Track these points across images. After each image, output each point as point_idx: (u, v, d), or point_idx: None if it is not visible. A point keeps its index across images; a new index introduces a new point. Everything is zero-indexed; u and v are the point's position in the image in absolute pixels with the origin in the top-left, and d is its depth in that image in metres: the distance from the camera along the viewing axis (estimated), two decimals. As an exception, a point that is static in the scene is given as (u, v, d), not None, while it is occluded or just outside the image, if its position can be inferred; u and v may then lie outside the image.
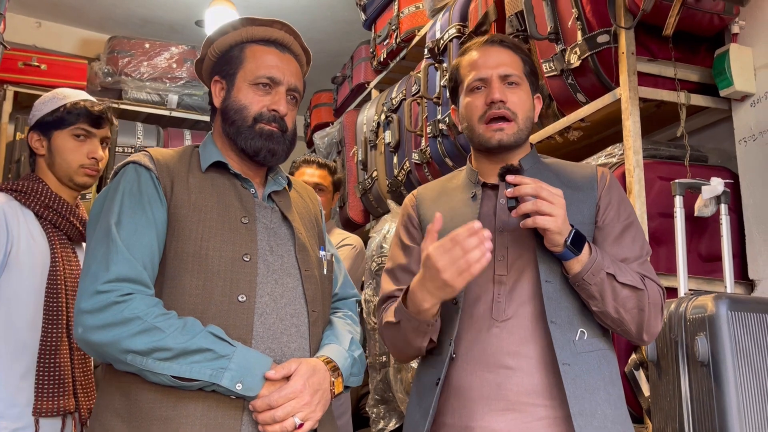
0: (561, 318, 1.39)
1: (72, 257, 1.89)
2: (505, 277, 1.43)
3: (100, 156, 1.93)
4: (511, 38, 1.59)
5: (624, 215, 1.48)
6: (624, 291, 1.36)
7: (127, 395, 1.27)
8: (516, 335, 1.39)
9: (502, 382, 1.37)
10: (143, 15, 4.52)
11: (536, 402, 1.36)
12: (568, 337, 1.38)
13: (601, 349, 1.42)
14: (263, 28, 1.49)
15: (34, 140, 1.92)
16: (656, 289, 1.41)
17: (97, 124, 1.93)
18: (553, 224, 1.32)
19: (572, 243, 1.34)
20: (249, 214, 1.41)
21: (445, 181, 1.66)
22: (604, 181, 1.51)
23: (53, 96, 1.95)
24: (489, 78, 1.50)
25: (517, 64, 1.53)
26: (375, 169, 3.53)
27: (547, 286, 1.39)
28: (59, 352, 1.77)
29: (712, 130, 2.34)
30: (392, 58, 3.66)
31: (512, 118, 1.48)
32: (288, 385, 1.26)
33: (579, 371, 1.36)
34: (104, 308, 1.23)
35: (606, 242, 1.45)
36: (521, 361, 1.38)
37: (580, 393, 1.34)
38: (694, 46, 2.14)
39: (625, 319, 1.38)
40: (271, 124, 1.44)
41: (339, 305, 1.59)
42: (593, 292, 1.36)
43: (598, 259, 1.35)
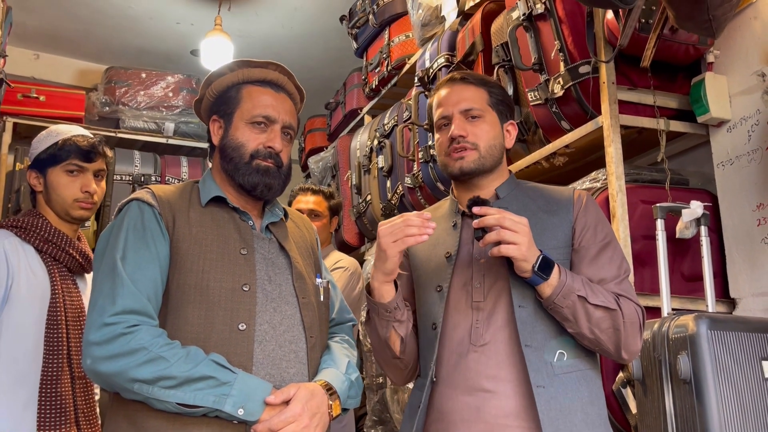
0: (537, 341, 1.44)
1: (72, 288, 1.94)
2: (482, 303, 1.49)
3: (93, 189, 1.98)
4: (475, 74, 1.67)
5: (600, 236, 1.53)
6: (597, 312, 1.41)
7: (134, 423, 1.33)
8: (493, 359, 1.45)
9: (480, 405, 1.43)
10: (139, 45, 4.61)
11: (514, 424, 1.41)
12: (544, 360, 1.43)
13: (581, 370, 1.46)
14: (259, 69, 1.56)
15: (33, 178, 1.99)
16: (633, 308, 1.45)
17: (88, 159, 1.98)
18: (517, 252, 1.39)
19: (540, 268, 1.40)
20: (248, 246, 1.48)
21: (433, 210, 1.74)
22: (579, 203, 1.57)
23: (48, 133, 2.01)
24: (450, 115, 1.59)
25: (479, 98, 1.61)
26: (369, 193, 3.60)
27: (520, 311, 1.45)
28: (60, 382, 1.82)
29: (692, 154, 2.43)
30: (384, 84, 3.75)
31: (473, 148, 1.56)
32: (287, 409, 1.32)
33: (554, 393, 1.40)
34: (112, 340, 1.29)
35: (582, 264, 1.50)
36: (499, 384, 1.43)
37: (554, 414, 1.38)
38: (671, 74, 2.22)
39: (602, 339, 1.43)
40: (267, 160, 1.51)
41: (336, 330, 1.65)
42: (566, 315, 1.42)
43: (568, 282, 1.41)
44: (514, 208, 1.56)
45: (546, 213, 1.56)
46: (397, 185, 3.31)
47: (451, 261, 1.55)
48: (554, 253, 1.49)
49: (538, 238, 1.50)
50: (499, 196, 1.60)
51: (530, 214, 1.55)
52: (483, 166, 1.57)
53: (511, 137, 1.65)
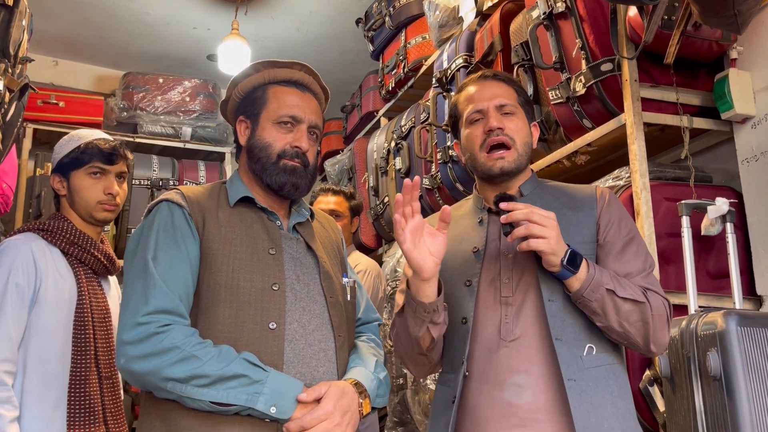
0: (567, 335, 1.44)
1: (98, 290, 1.96)
2: (511, 298, 1.50)
3: (115, 191, 2.01)
4: (503, 72, 1.69)
5: (624, 231, 1.53)
6: (626, 305, 1.42)
7: (167, 421, 1.34)
8: (524, 354, 1.45)
9: (512, 400, 1.43)
10: (156, 51, 4.65)
11: (546, 418, 1.41)
12: (575, 354, 1.43)
13: (609, 364, 1.46)
14: (284, 69, 1.57)
15: (56, 182, 2.02)
16: (660, 301, 1.45)
17: (109, 161, 2.01)
18: (546, 246, 1.40)
19: (568, 262, 1.41)
20: (276, 246, 1.49)
21: (455, 208, 1.74)
22: (603, 200, 1.58)
23: (70, 138, 2.05)
24: (486, 109, 1.59)
25: (511, 95, 1.62)
26: (386, 195, 3.61)
27: (550, 305, 1.46)
28: (88, 382, 1.84)
29: (716, 151, 2.41)
30: (400, 87, 3.76)
31: (510, 144, 1.56)
32: (319, 407, 1.33)
33: (585, 386, 1.41)
34: (145, 339, 1.31)
35: (608, 259, 1.50)
36: (530, 378, 1.44)
37: (586, 408, 1.39)
38: (694, 71, 2.21)
39: (630, 332, 1.43)
40: (294, 160, 1.52)
41: (362, 329, 1.65)
42: (595, 308, 1.42)
43: (596, 276, 1.41)
44: (539, 205, 1.55)
45: (570, 210, 1.57)
46: (415, 187, 3.31)
47: (479, 256, 1.56)
48: (580, 249, 1.49)
49: (564, 234, 1.50)
50: (523, 193, 1.60)
51: (555, 210, 1.54)
52: (520, 166, 1.59)
53: (534, 138, 1.66)
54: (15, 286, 1.79)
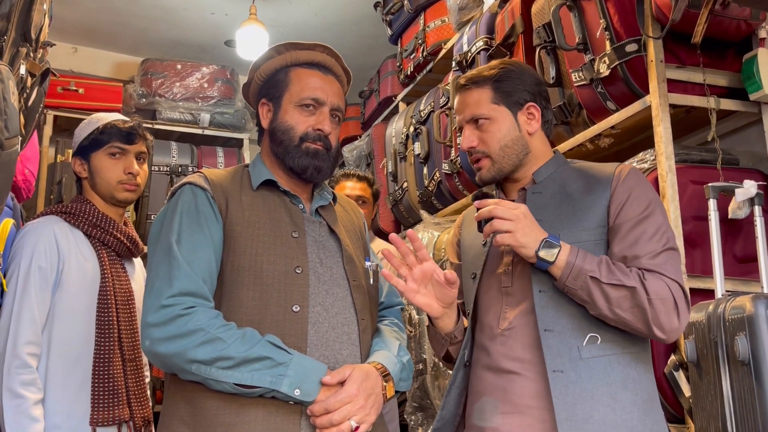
0: (562, 325, 1.43)
1: (121, 272, 1.97)
2: (510, 288, 1.52)
3: (136, 170, 2.02)
4: (476, 75, 1.61)
5: (638, 210, 1.47)
6: (615, 292, 1.37)
7: (191, 403, 1.35)
8: (519, 342, 1.47)
9: (507, 386, 1.46)
10: (174, 37, 4.65)
11: (539, 405, 1.42)
12: (569, 344, 1.41)
13: (616, 353, 1.43)
14: (306, 51, 1.56)
15: (77, 165, 2.03)
16: (662, 284, 1.39)
17: (129, 141, 2.02)
18: (512, 240, 1.41)
19: (543, 253, 1.40)
20: (299, 229, 1.48)
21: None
22: (619, 178, 1.52)
23: (89, 121, 2.07)
24: (462, 126, 1.62)
25: (484, 99, 1.57)
26: (405, 180, 3.59)
27: (540, 295, 1.45)
28: (112, 364, 1.86)
29: (743, 134, 2.37)
30: (419, 71, 3.73)
31: (485, 156, 1.57)
32: (343, 389, 1.32)
33: (575, 378, 1.39)
34: (169, 321, 1.31)
35: (614, 241, 1.46)
36: (525, 366, 1.45)
37: (572, 399, 1.37)
38: (721, 51, 2.16)
39: (627, 319, 1.39)
40: (317, 143, 1.51)
41: (385, 313, 1.65)
42: (582, 297, 1.40)
43: (577, 264, 1.38)
44: (550, 191, 1.57)
45: (582, 193, 1.53)
46: (434, 172, 3.29)
47: (485, 249, 1.58)
48: (584, 235, 1.48)
49: (570, 220, 1.49)
50: (536, 180, 1.59)
51: (565, 196, 1.54)
52: (501, 171, 1.58)
53: (534, 120, 1.60)
54: (38, 269, 1.80)
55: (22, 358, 1.73)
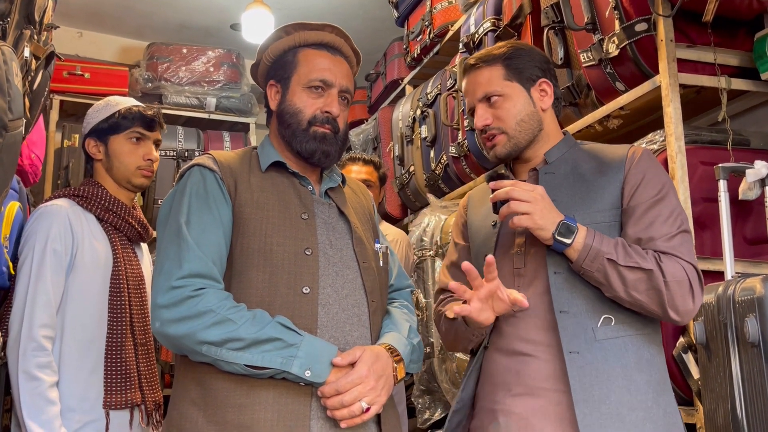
0: (577, 307, 1.43)
1: (132, 257, 1.98)
2: (522, 269, 1.50)
3: (155, 157, 2.03)
4: (485, 54, 1.60)
5: (652, 192, 1.46)
6: (631, 274, 1.37)
7: (202, 385, 1.35)
8: (532, 324, 1.46)
9: (520, 368, 1.45)
10: (180, 21, 4.62)
11: (553, 387, 1.41)
12: (584, 326, 1.41)
13: (630, 335, 1.43)
14: (315, 32, 1.55)
15: (91, 146, 2.02)
16: (678, 266, 1.39)
17: (150, 127, 2.03)
18: (530, 222, 1.40)
19: (560, 234, 1.39)
20: (308, 211, 1.48)
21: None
22: (632, 161, 1.51)
23: (106, 104, 2.05)
24: (473, 106, 1.59)
25: (496, 76, 1.56)
26: (412, 164, 3.58)
27: (555, 277, 1.45)
28: (124, 348, 1.87)
29: (754, 114, 2.35)
30: (426, 53, 3.70)
31: (500, 132, 1.55)
32: (354, 370, 1.32)
33: (591, 359, 1.39)
34: (179, 302, 1.31)
35: (628, 224, 1.46)
36: (539, 348, 1.44)
37: (588, 381, 1.37)
38: (733, 30, 2.14)
39: (643, 301, 1.39)
40: (325, 126, 1.50)
41: (395, 296, 1.64)
42: (599, 279, 1.40)
43: (594, 246, 1.38)
44: (562, 171, 1.55)
45: (595, 175, 1.53)
46: (441, 155, 3.28)
47: (495, 229, 1.57)
48: (599, 216, 1.47)
49: (584, 202, 1.48)
50: (548, 161, 1.58)
51: (578, 177, 1.53)
52: (517, 147, 1.56)
53: (547, 96, 1.60)
54: (53, 252, 1.81)
55: (38, 340, 1.74)
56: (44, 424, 1.69)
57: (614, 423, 1.36)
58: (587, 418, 1.35)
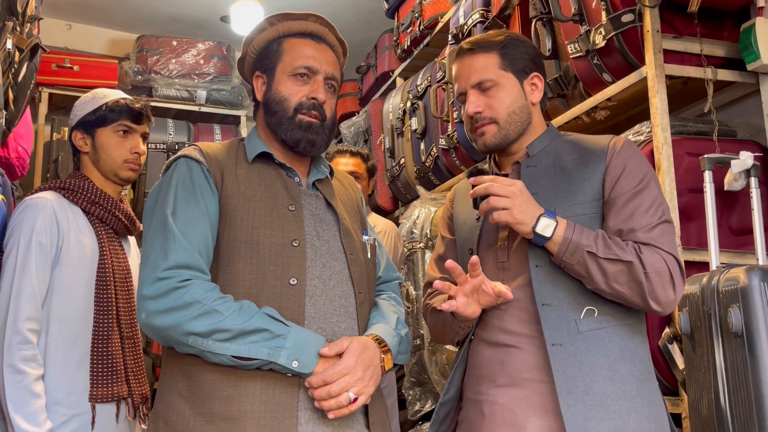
0: (559, 299, 1.43)
1: (119, 250, 1.97)
2: (506, 263, 1.51)
3: (142, 150, 2.02)
4: (482, 40, 1.59)
5: (633, 183, 1.46)
6: (611, 266, 1.38)
7: (189, 376, 1.35)
8: (516, 317, 1.47)
9: (504, 359, 1.47)
10: (170, 13, 4.60)
11: (537, 378, 1.43)
12: (567, 318, 1.42)
13: (612, 326, 1.44)
14: (298, 21, 1.55)
15: (78, 138, 2.01)
16: (658, 257, 1.39)
17: (137, 120, 2.02)
18: (509, 217, 1.40)
19: (540, 229, 1.40)
20: (295, 202, 1.48)
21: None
22: (613, 151, 1.51)
23: (93, 96, 2.04)
24: (465, 92, 1.58)
25: (491, 65, 1.55)
26: (402, 156, 3.58)
27: (537, 270, 1.45)
28: (111, 341, 1.86)
29: (740, 105, 2.36)
30: (416, 45, 3.70)
31: (490, 122, 1.54)
32: (341, 361, 1.33)
33: (574, 351, 1.40)
34: (165, 294, 1.31)
35: (609, 215, 1.46)
36: (522, 340, 1.46)
37: (572, 372, 1.38)
38: (719, 21, 2.15)
39: (624, 293, 1.40)
40: (311, 113, 1.50)
41: (383, 288, 1.65)
42: (579, 271, 1.41)
43: (574, 239, 1.39)
44: (544, 164, 1.56)
45: (577, 167, 1.53)
46: (432, 147, 3.28)
47: (479, 223, 1.58)
48: (580, 208, 1.48)
49: (565, 194, 1.49)
50: (530, 154, 1.58)
51: (560, 169, 1.53)
52: (507, 138, 1.56)
53: (538, 90, 1.60)
54: (38, 244, 1.80)
55: (23, 333, 1.73)
56: (29, 418, 1.68)
57: (598, 413, 1.37)
58: (571, 409, 1.36)
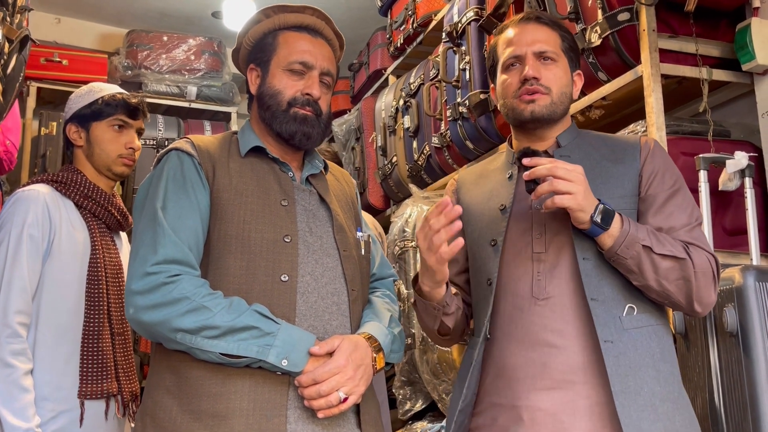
0: (604, 294, 1.38)
1: (111, 245, 1.95)
2: (543, 254, 1.43)
3: (137, 146, 2.01)
4: (549, 15, 1.59)
5: (669, 183, 1.45)
6: (664, 263, 1.34)
7: (177, 373, 1.33)
8: (558, 313, 1.39)
9: (546, 360, 1.38)
10: (160, 8, 4.56)
11: (582, 380, 1.35)
12: (613, 314, 1.37)
13: (652, 325, 1.40)
14: (295, 14, 1.53)
15: (72, 132, 1.99)
16: (705, 257, 1.38)
17: (133, 116, 2.00)
18: (572, 202, 1.32)
19: (599, 218, 1.33)
20: (288, 197, 1.46)
21: (487, 163, 1.68)
22: (647, 150, 1.49)
23: (89, 89, 2.02)
24: (523, 55, 1.50)
25: (554, 41, 1.52)
26: (395, 155, 3.56)
27: (584, 263, 1.39)
28: (101, 337, 1.84)
29: (735, 105, 2.36)
30: (409, 43, 3.68)
31: (546, 92, 1.48)
32: (332, 360, 1.31)
33: (623, 348, 1.34)
34: (154, 289, 1.28)
35: (649, 212, 1.43)
36: (565, 339, 1.38)
37: (623, 371, 1.33)
38: (714, 21, 2.14)
39: (671, 291, 1.36)
40: (305, 108, 1.48)
41: (377, 285, 1.62)
42: (630, 266, 1.35)
43: (632, 232, 1.34)
44: (577, 156, 1.50)
45: (611, 161, 1.49)
46: (424, 146, 3.26)
47: (506, 213, 1.49)
48: (621, 203, 1.43)
49: (602, 187, 1.44)
50: (561, 144, 1.53)
51: (594, 162, 1.49)
52: (554, 113, 1.49)
53: (576, 88, 1.58)
54: (30, 237, 1.78)
55: (13, 327, 1.71)
56: (18, 412, 1.66)
57: (649, 415, 1.31)
58: (626, 409, 1.30)
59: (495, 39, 1.60)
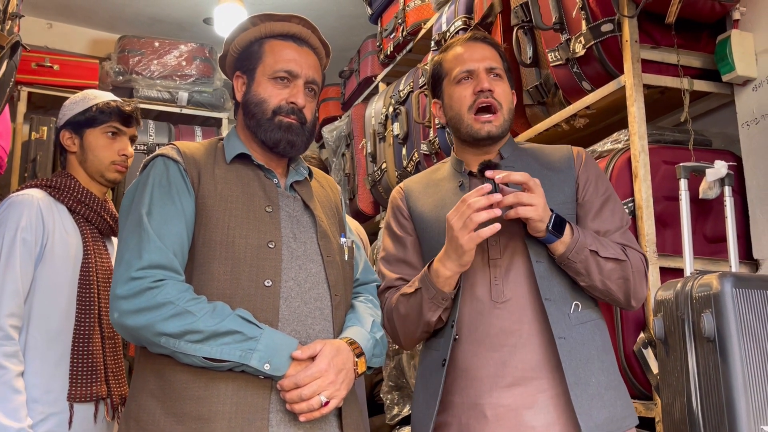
0: (555, 294, 1.48)
1: (103, 250, 1.97)
2: (499, 260, 1.53)
3: (130, 153, 2.03)
4: (491, 37, 1.71)
5: (602, 190, 1.59)
6: (608, 264, 1.47)
7: (161, 376, 1.34)
8: (515, 314, 1.49)
9: (506, 359, 1.47)
10: (152, 14, 4.58)
11: (539, 375, 1.46)
12: (563, 312, 1.48)
13: (593, 320, 1.53)
14: (281, 23, 1.55)
15: (66, 138, 2.01)
16: (638, 257, 1.52)
17: (127, 123, 2.03)
18: (534, 213, 1.42)
19: (554, 227, 1.44)
20: (272, 203, 1.48)
21: (430, 173, 1.75)
22: (580, 160, 1.62)
23: (84, 97, 2.05)
24: (476, 70, 1.60)
25: (499, 60, 1.64)
26: (384, 161, 3.59)
27: (538, 266, 1.49)
28: (92, 341, 1.85)
29: (715, 115, 2.39)
30: (399, 51, 3.71)
31: (498, 108, 1.58)
32: (313, 364, 1.32)
33: (574, 343, 1.46)
34: (138, 294, 1.30)
35: (587, 217, 1.55)
36: (523, 338, 1.48)
37: (575, 364, 1.44)
38: (696, 32, 2.18)
39: (612, 289, 1.49)
40: (290, 116, 1.50)
41: (360, 290, 1.65)
42: (579, 269, 1.46)
43: (581, 239, 1.45)
44: (520, 166, 1.60)
45: (550, 170, 1.60)
46: (413, 152, 3.29)
47: None
48: (563, 208, 1.54)
49: (546, 195, 1.51)
50: (503, 156, 1.63)
51: (535, 172, 1.57)
52: (505, 132, 1.62)
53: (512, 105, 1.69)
54: (23, 241, 1.79)
55: (5, 329, 1.73)
56: (10, 414, 1.68)
57: (597, 403, 1.43)
58: (579, 399, 1.41)
59: (439, 57, 1.69)
